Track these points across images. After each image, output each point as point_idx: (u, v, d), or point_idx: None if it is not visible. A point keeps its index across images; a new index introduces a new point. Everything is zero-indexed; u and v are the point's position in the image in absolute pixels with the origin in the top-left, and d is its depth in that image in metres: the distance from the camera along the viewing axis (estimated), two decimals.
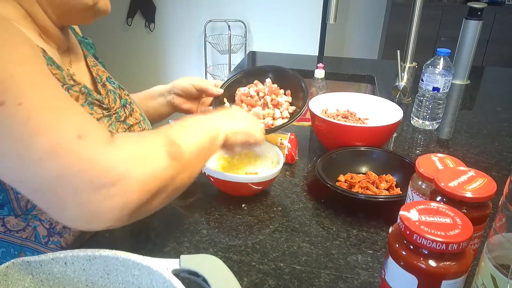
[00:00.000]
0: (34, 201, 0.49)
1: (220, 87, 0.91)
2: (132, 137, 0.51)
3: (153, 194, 0.48)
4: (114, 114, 0.70)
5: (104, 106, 0.67)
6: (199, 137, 0.57)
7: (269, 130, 0.82)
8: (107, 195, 0.44)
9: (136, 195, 0.46)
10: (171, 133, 0.54)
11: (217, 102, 0.90)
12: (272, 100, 0.88)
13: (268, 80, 0.92)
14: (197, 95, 0.92)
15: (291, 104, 0.90)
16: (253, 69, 0.95)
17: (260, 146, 0.74)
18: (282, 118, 0.86)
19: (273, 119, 0.86)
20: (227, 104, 0.91)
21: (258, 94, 0.90)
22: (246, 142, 0.68)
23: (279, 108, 0.88)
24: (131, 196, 0.46)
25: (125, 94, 0.77)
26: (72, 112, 0.48)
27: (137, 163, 0.47)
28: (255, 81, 0.92)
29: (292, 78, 0.90)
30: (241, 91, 0.92)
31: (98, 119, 0.65)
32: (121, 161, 0.45)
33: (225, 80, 0.94)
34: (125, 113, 0.73)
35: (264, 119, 0.86)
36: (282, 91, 0.91)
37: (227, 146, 0.65)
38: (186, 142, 0.54)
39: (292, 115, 0.86)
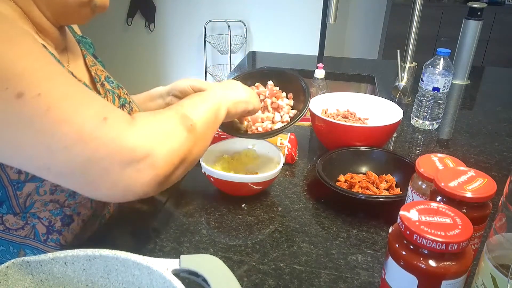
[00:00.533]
0: (63, 185, 0.51)
1: None
2: (150, 116, 0.54)
3: (176, 166, 0.52)
4: None
5: None
6: (206, 111, 0.62)
7: (267, 134, 0.79)
8: (136, 171, 0.47)
9: (162, 169, 0.49)
10: (182, 109, 0.58)
11: None
12: (272, 103, 0.85)
13: (270, 83, 0.89)
14: None
15: (292, 107, 0.86)
16: (255, 71, 0.93)
17: (257, 111, 0.79)
18: (282, 122, 0.83)
19: (272, 122, 0.83)
20: None
21: (258, 96, 0.88)
22: (245, 110, 0.73)
23: (279, 112, 0.85)
24: (158, 170, 0.49)
25: (124, 93, 0.77)
26: (89, 98, 0.49)
27: (159, 140, 0.50)
28: (257, 84, 0.89)
29: (295, 81, 0.87)
30: None
31: None
32: (145, 139, 0.49)
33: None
34: None
35: (262, 122, 0.83)
36: (284, 94, 0.87)
37: (229, 117, 0.70)
38: (196, 115, 0.59)
39: (292, 119, 0.83)
